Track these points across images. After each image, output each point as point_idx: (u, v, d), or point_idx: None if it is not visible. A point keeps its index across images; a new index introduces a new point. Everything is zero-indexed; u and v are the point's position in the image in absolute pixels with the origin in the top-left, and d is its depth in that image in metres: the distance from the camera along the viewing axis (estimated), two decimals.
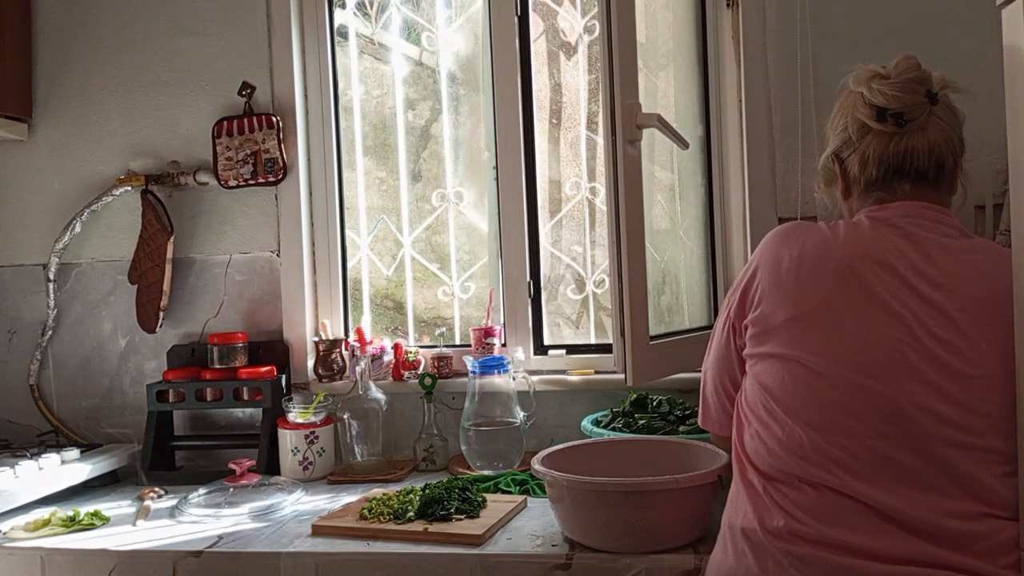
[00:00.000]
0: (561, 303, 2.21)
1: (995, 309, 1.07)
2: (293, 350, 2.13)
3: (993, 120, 1.65)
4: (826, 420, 1.06)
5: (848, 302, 1.09)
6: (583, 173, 2.18)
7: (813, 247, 1.15)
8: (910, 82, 1.19)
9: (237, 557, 1.46)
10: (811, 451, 1.06)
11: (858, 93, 1.23)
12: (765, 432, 1.12)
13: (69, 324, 2.23)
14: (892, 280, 1.09)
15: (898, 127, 1.19)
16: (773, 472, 1.10)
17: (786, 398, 1.11)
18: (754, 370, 1.18)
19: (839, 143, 1.26)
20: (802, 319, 1.11)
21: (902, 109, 1.18)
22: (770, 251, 1.19)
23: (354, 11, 2.22)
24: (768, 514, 1.07)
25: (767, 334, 1.15)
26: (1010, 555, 1.00)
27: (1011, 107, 0.98)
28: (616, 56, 1.48)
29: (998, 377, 1.04)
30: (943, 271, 1.10)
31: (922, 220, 1.16)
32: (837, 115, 1.28)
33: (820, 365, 1.08)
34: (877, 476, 1.03)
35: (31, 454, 1.88)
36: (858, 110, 1.22)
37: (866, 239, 1.15)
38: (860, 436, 1.04)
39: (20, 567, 1.54)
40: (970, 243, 1.16)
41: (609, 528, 1.35)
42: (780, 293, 1.15)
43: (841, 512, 1.03)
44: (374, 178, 2.28)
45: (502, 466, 1.84)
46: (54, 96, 2.23)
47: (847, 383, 1.06)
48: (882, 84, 1.19)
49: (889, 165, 1.20)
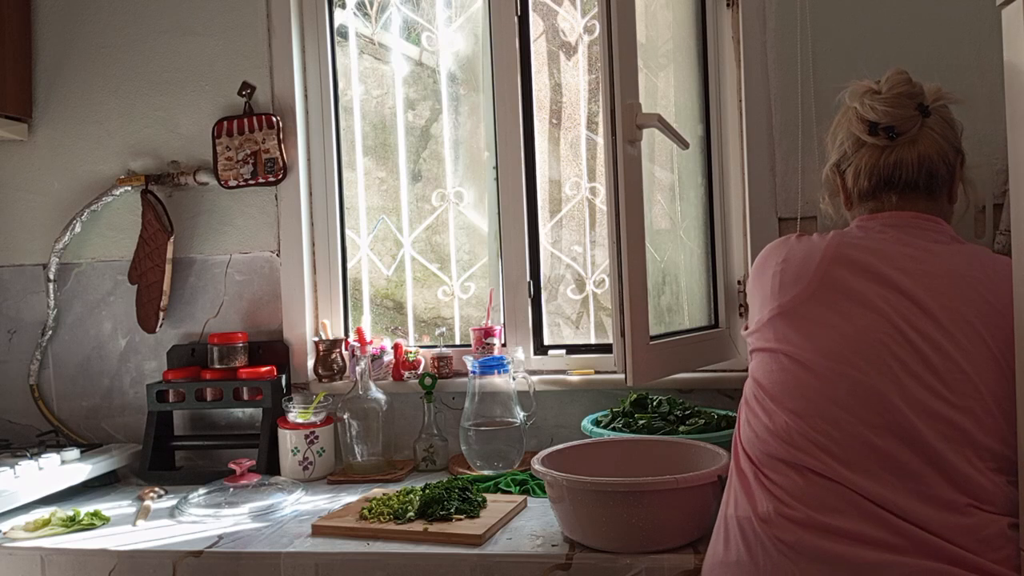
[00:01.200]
0: (561, 303, 2.21)
1: (978, 310, 1.08)
2: (293, 350, 2.13)
3: (993, 120, 1.66)
4: (810, 407, 1.09)
5: (831, 296, 1.14)
6: (583, 173, 2.18)
7: (799, 252, 1.21)
8: (900, 96, 1.24)
9: (237, 557, 1.46)
10: (796, 436, 1.09)
11: (852, 108, 1.29)
12: (755, 421, 1.16)
13: (69, 324, 2.23)
14: (874, 277, 1.12)
15: (889, 140, 1.24)
16: (762, 459, 1.12)
17: (773, 387, 1.15)
18: (750, 367, 1.24)
19: (838, 156, 1.32)
20: (787, 314, 1.16)
21: (892, 123, 1.23)
22: (758, 268, 1.27)
23: (354, 11, 2.22)
24: (758, 500, 1.09)
25: (757, 332, 1.22)
26: (1001, 550, 1.00)
27: (1011, 108, 0.98)
28: (616, 56, 1.48)
29: (980, 375, 1.05)
30: (927, 271, 1.12)
31: (911, 228, 1.21)
32: (836, 129, 1.34)
33: (804, 356, 1.12)
34: (861, 462, 1.04)
35: (31, 454, 1.88)
36: (853, 124, 1.28)
37: (851, 240, 1.20)
38: (843, 423, 1.07)
39: (20, 567, 1.54)
40: (959, 248, 1.18)
41: (609, 528, 1.35)
42: (766, 294, 1.21)
43: (829, 497, 1.04)
44: (374, 178, 2.28)
45: (502, 466, 1.84)
46: (54, 96, 2.23)
47: (830, 371, 1.09)
48: (874, 99, 1.25)
49: (880, 177, 1.25)
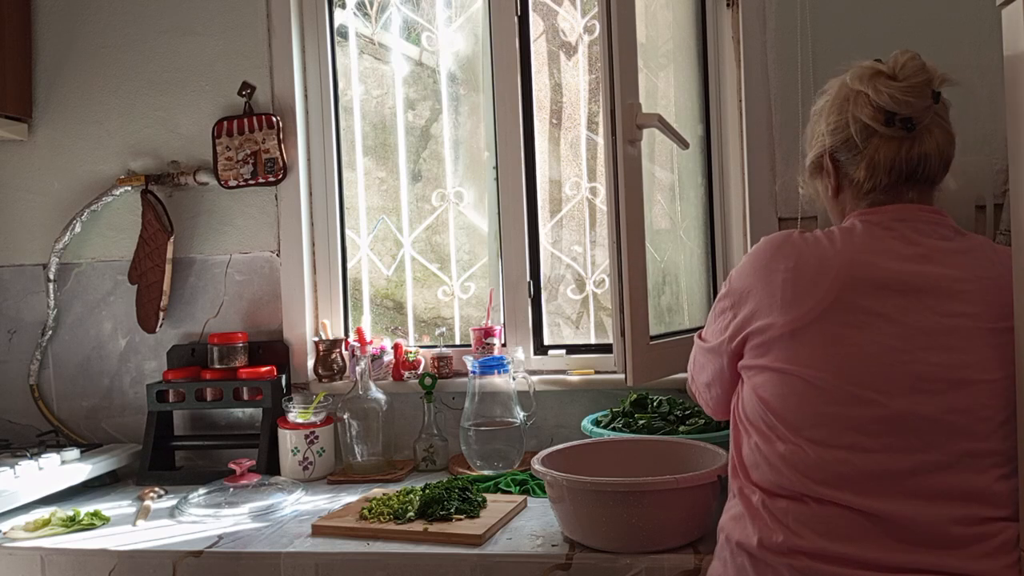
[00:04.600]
0: (561, 303, 2.21)
1: (996, 311, 1.06)
2: (293, 350, 2.13)
3: (993, 120, 1.66)
4: (831, 435, 1.04)
5: (846, 314, 1.06)
6: (583, 173, 2.18)
7: (809, 258, 1.11)
8: (919, 85, 1.13)
9: (237, 557, 1.46)
10: (815, 467, 1.04)
11: (861, 92, 1.16)
12: (767, 447, 1.10)
13: (69, 324, 2.23)
14: (891, 289, 1.07)
15: (907, 132, 1.14)
16: (773, 487, 1.08)
17: (787, 413, 1.08)
18: (752, 382, 1.14)
19: (836, 141, 1.20)
20: (801, 332, 1.08)
21: (912, 114, 1.13)
22: (761, 263, 1.15)
23: (354, 11, 2.22)
24: (768, 530, 1.05)
25: (764, 346, 1.12)
26: (1011, 555, 1.00)
27: (1011, 107, 0.98)
28: (616, 56, 1.48)
29: (998, 381, 1.03)
30: (943, 275, 1.08)
31: (918, 224, 1.14)
32: (829, 110, 1.21)
33: (821, 379, 1.06)
34: (882, 489, 1.02)
35: (31, 454, 1.88)
36: (860, 110, 1.16)
37: (863, 247, 1.11)
38: (865, 450, 1.03)
39: (20, 567, 1.54)
40: (967, 243, 1.14)
41: (609, 528, 1.35)
42: (774, 301, 1.11)
43: (841, 524, 1.02)
44: (374, 178, 2.28)
45: (502, 466, 1.84)
46: (54, 96, 2.23)
47: (850, 397, 1.04)
48: (891, 87, 1.13)
49: (901, 172, 1.16)
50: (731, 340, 1.17)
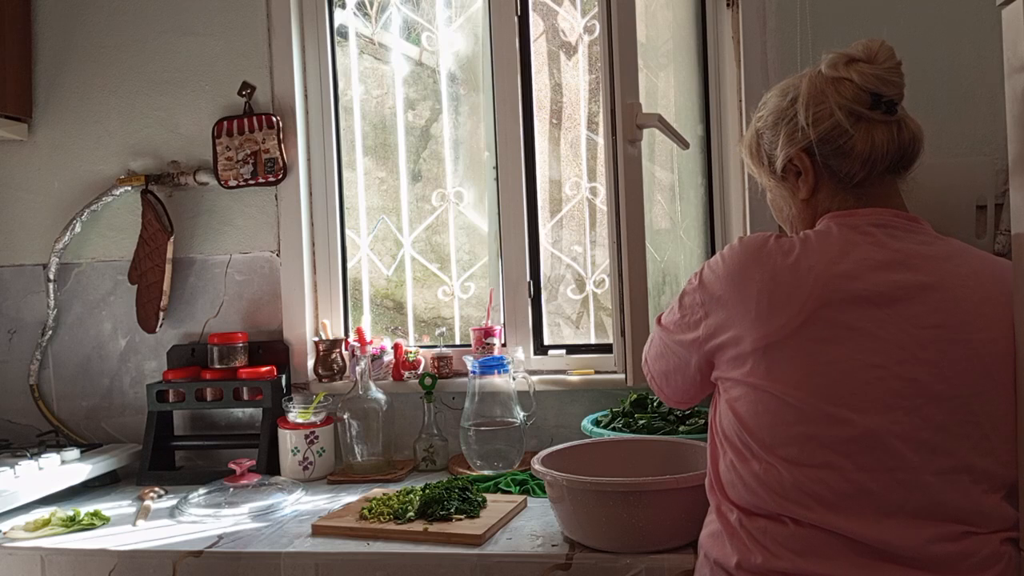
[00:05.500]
0: (561, 303, 2.21)
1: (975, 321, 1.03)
2: (293, 350, 2.13)
3: (993, 120, 1.66)
4: (804, 455, 1.01)
5: (821, 329, 1.02)
6: (583, 173, 2.18)
7: (784, 269, 1.06)
8: (897, 67, 1.12)
9: (237, 557, 1.46)
10: (790, 488, 1.02)
11: (842, 79, 1.12)
12: (742, 465, 1.07)
13: (69, 324, 2.23)
14: (867, 302, 1.03)
15: (890, 115, 1.12)
16: (750, 507, 1.06)
17: (760, 431, 1.05)
18: (729, 395, 1.11)
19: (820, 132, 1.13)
20: (774, 348, 1.04)
21: (895, 96, 1.12)
22: (735, 269, 1.11)
23: (354, 11, 2.22)
24: (746, 551, 1.04)
25: (739, 359, 1.08)
26: (991, 568, 0.99)
27: (1011, 108, 0.98)
28: (616, 56, 1.48)
29: (972, 396, 1.01)
30: (920, 283, 1.04)
31: (895, 230, 1.10)
32: (806, 104, 1.14)
33: (795, 396, 1.02)
34: (859, 509, 1.00)
35: (31, 454, 1.88)
36: (844, 96, 1.11)
37: (840, 255, 1.06)
38: (840, 470, 1.00)
39: (20, 567, 1.54)
40: (946, 249, 1.09)
41: (609, 528, 1.35)
42: (750, 319, 1.06)
43: (819, 545, 1.00)
44: (374, 178, 2.28)
45: (502, 466, 1.84)
46: (54, 96, 2.23)
47: (824, 416, 1.01)
48: (874, 70, 1.11)
49: (894, 157, 1.13)
50: (704, 342, 1.14)
